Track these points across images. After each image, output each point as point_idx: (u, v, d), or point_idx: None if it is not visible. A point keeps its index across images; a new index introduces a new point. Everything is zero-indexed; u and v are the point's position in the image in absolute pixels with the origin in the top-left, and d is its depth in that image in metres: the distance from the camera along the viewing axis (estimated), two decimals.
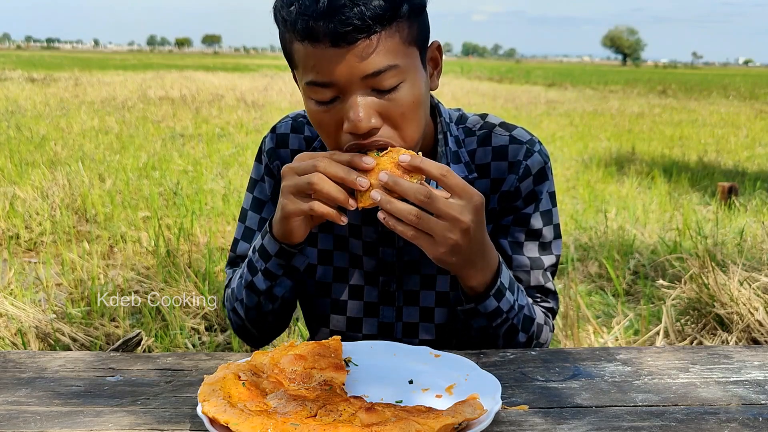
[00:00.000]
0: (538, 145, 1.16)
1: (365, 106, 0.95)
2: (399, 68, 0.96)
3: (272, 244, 1.06)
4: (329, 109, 0.98)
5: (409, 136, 1.00)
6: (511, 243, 1.17)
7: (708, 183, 6.43)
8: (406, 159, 0.93)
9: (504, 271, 1.05)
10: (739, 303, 2.75)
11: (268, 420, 0.75)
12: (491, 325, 1.07)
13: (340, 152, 0.97)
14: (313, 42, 0.93)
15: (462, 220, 0.92)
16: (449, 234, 0.92)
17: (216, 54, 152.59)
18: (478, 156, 1.15)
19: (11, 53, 64.41)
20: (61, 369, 0.99)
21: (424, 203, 0.91)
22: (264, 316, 1.15)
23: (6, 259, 3.82)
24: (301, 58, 0.97)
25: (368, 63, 0.93)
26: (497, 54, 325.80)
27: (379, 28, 0.93)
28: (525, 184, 1.14)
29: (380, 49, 0.93)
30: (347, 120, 0.96)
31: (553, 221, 1.18)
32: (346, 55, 0.92)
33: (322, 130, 1.02)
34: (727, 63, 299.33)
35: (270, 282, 1.10)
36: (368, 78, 0.94)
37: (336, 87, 0.96)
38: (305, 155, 0.98)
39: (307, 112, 1.03)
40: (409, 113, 0.99)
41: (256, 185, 1.24)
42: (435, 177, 0.92)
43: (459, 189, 0.93)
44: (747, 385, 0.93)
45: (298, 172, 0.96)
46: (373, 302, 1.19)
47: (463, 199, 0.93)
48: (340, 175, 0.93)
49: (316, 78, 0.96)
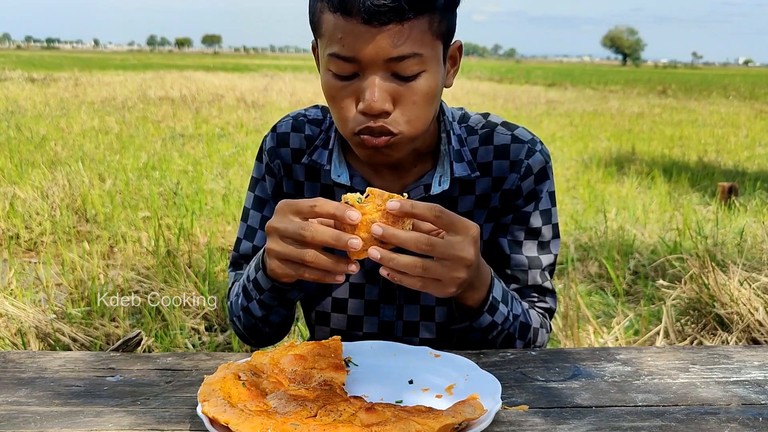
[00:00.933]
0: (540, 145, 1.16)
1: (382, 88, 0.96)
2: (422, 57, 0.96)
3: (265, 281, 1.05)
4: (346, 84, 0.99)
5: (416, 125, 1.01)
6: (510, 242, 1.17)
7: (708, 183, 6.43)
8: (396, 206, 0.87)
9: (496, 284, 1.05)
10: (739, 303, 2.75)
11: (268, 420, 0.75)
12: (487, 337, 1.08)
13: (322, 202, 0.90)
14: (346, 15, 0.93)
15: (465, 257, 0.90)
16: (456, 274, 0.90)
17: (216, 54, 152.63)
18: (480, 154, 1.15)
19: (11, 53, 64.42)
20: (61, 369, 0.99)
21: (426, 251, 0.88)
22: (262, 334, 1.18)
23: (6, 259, 3.82)
24: (329, 29, 0.97)
25: (395, 47, 0.94)
26: (497, 54, 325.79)
27: (413, 15, 0.93)
28: (526, 183, 1.15)
29: (409, 36, 0.94)
30: (362, 99, 0.97)
31: (552, 220, 1.18)
32: (376, 34, 0.93)
33: (334, 105, 1.02)
34: (727, 63, 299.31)
35: (265, 311, 1.11)
36: (392, 61, 0.95)
37: (358, 64, 0.96)
38: (285, 208, 0.92)
39: (322, 84, 1.03)
40: (422, 103, 0.99)
41: (257, 184, 1.24)
42: (430, 220, 0.89)
43: (455, 226, 0.90)
44: (747, 385, 0.93)
45: (282, 236, 0.92)
46: (373, 300, 1.20)
47: (461, 234, 0.90)
48: (330, 242, 0.88)
49: (340, 51, 0.96)
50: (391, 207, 0.87)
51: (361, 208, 0.89)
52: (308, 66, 38.27)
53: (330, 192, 1.18)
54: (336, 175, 1.14)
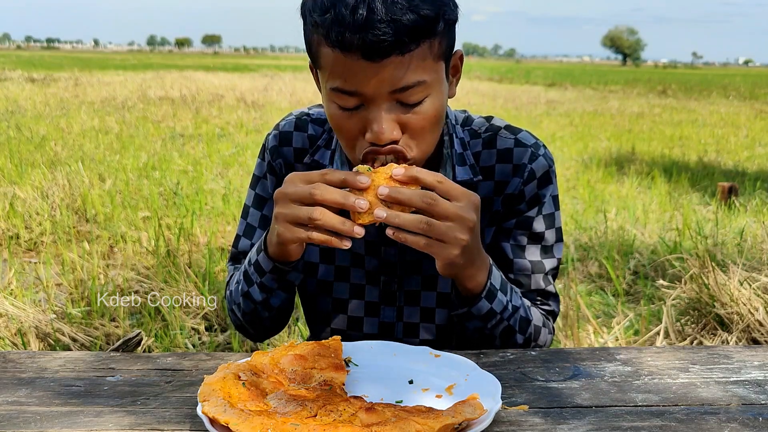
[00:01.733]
0: (543, 149, 1.16)
1: (389, 119, 0.96)
2: (426, 83, 0.97)
3: (266, 262, 1.06)
4: (352, 115, 0.99)
5: (425, 146, 1.02)
6: (513, 246, 1.17)
7: (708, 183, 6.43)
8: (401, 172, 0.91)
9: (495, 272, 1.05)
10: (739, 303, 2.75)
11: (268, 420, 0.75)
12: (486, 326, 1.07)
13: (332, 170, 0.93)
14: (345, 51, 0.92)
15: (468, 218, 0.92)
16: (459, 234, 0.92)
17: (216, 54, 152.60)
18: (483, 158, 1.15)
19: (11, 53, 64.41)
20: (61, 369, 0.99)
21: (430, 206, 0.90)
22: (261, 320, 1.17)
23: (6, 259, 3.82)
24: (328, 63, 0.96)
25: (399, 78, 0.94)
26: (497, 54, 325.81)
27: (414, 46, 0.93)
28: (529, 188, 1.15)
29: (411, 66, 0.94)
30: (370, 130, 0.97)
31: (556, 224, 1.18)
32: (377, 69, 0.93)
33: (341, 134, 1.02)
34: (727, 63, 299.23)
35: (265, 294, 1.11)
36: (396, 92, 0.95)
37: (362, 96, 0.96)
38: (295, 177, 0.95)
39: (327, 114, 1.03)
40: (428, 126, 1.00)
41: (258, 182, 1.24)
42: (431, 185, 0.92)
43: (456, 192, 0.93)
44: (747, 385, 0.93)
45: (292, 199, 0.93)
46: (373, 302, 1.20)
47: (462, 201, 0.93)
48: (338, 201, 0.90)
49: (342, 86, 0.96)
50: (396, 173, 0.92)
51: (370, 174, 0.92)
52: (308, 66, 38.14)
53: None
54: None
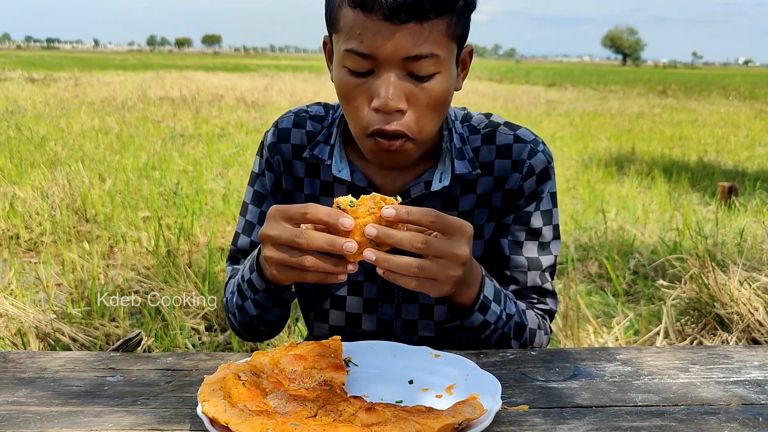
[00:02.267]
0: (542, 145, 1.17)
1: (397, 86, 0.97)
2: (438, 59, 0.97)
3: (260, 282, 1.05)
4: (361, 82, 0.99)
5: (428, 127, 1.02)
6: (510, 242, 1.17)
7: (708, 183, 6.43)
8: (391, 213, 0.87)
9: (487, 283, 1.05)
10: (739, 303, 2.75)
11: (268, 420, 0.75)
12: (479, 336, 1.08)
13: (313, 207, 0.89)
14: (366, 11, 0.93)
15: (460, 254, 0.90)
16: (451, 272, 0.90)
17: (216, 54, 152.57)
18: (482, 154, 1.15)
19: (11, 53, 64.42)
20: (61, 369, 0.99)
21: (421, 250, 0.88)
22: (258, 331, 1.18)
23: (6, 259, 3.82)
24: (347, 24, 0.97)
25: (413, 46, 0.94)
26: (497, 54, 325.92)
27: (433, 16, 0.94)
28: (528, 183, 1.15)
29: (428, 36, 0.95)
30: (377, 96, 0.97)
31: (553, 221, 1.18)
32: (395, 32, 0.93)
33: (348, 102, 1.02)
34: (727, 63, 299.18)
35: (260, 310, 1.12)
36: (409, 60, 0.96)
37: (375, 60, 0.96)
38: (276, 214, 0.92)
39: (335, 80, 1.03)
40: (435, 105, 1.00)
41: (257, 179, 1.24)
42: (425, 225, 0.89)
43: (450, 228, 0.90)
44: (747, 385, 0.93)
45: (278, 243, 0.91)
46: (372, 299, 1.20)
47: (456, 235, 0.90)
48: (324, 248, 0.88)
49: (358, 47, 0.96)
50: (386, 214, 0.87)
51: (353, 212, 0.89)
52: (308, 66, 38.17)
53: (329, 189, 1.18)
54: (337, 170, 1.14)
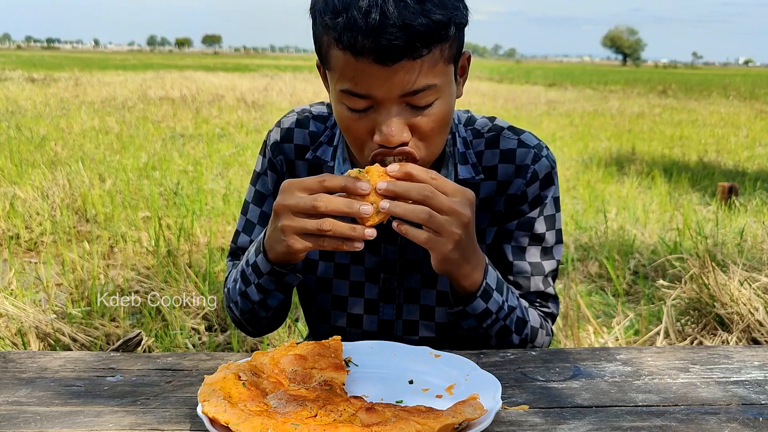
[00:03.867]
0: (546, 150, 1.16)
1: (399, 122, 0.97)
2: (437, 87, 0.97)
3: (265, 264, 1.05)
4: (361, 117, 0.99)
5: (434, 148, 1.03)
6: (513, 248, 1.17)
7: (708, 183, 6.43)
8: (395, 168, 0.92)
9: (490, 271, 1.05)
10: (739, 303, 2.75)
11: (268, 420, 0.75)
12: (481, 325, 1.08)
13: (329, 176, 0.93)
14: (357, 55, 0.92)
15: (462, 213, 0.93)
16: (454, 228, 0.93)
17: (216, 54, 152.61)
18: (486, 158, 1.15)
19: (11, 53, 64.44)
20: (61, 369, 0.99)
21: (428, 198, 0.91)
22: (259, 319, 1.18)
23: (6, 259, 3.82)
24: (339, 66, 0.96)
25: (410, 82, 0.94)
26: (497, 54, 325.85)
27: (426, 51, 0.93)
28: (532, 189, 1.15)
29: (422, 69, 0.94)
30: (379, 132, 0.98)
31: (556, 226, 1.18)
32: (389, 73, 0.93)
33: (349, 135, 1.03)
34: (727, 63, 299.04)
35: (263, 295, 1.12)
36: (406, 95, 0.96)
37: (372, 99, 0.96)
38: (292, 186, 0.94)
39: (335, 115, 1.03)
40: (438, 128, 1.01)
41: (258, 178, 1.24)
42: (425, 180, 0.92)
43: (451, 188, 0.94)
44: (747, 385, 0.93)
45: (295, 211, 0.93)
46: (373, 299, 1.20)
47: (457, 196, 0.94)
48: (344, 210, 0.90)
49: (353, 89, 0.96)
50: (391, 169, 0.93)
51: (365, 177, 0.93)
52: (308, 66, 38.21)
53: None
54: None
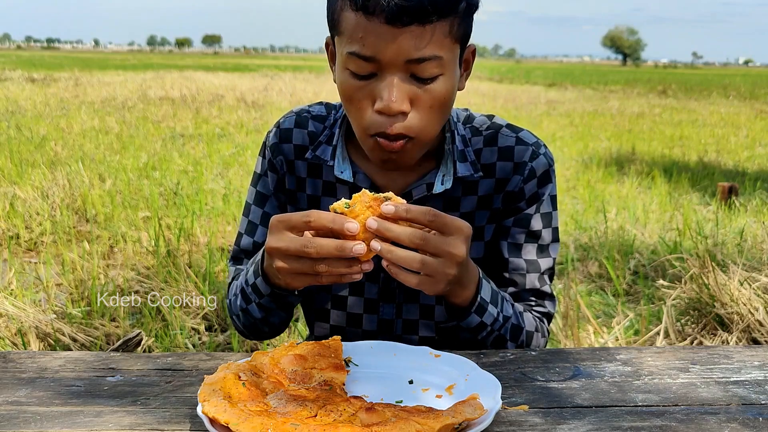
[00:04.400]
0: (544, 148, 1.17)
1: (400, 89, 0.97)
2: (441, 60, 0.97)
3: (265, 287, 1.05)
4: (364, 84, 0.99)
5: (431, 128, 1.02)
6: (510, 245, 1.17)
7: (708, 183, 6.43)
8: (391, 210, 0.88)
9: (484, 285, 1.05)
10: (739, 303, 2.75)
11: (268, 420, 0.75)
12: (476, 337, 1.08)
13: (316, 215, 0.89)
14: (368, 14, 0.93)
15: (457, 253, 0.91)
16: (447, 270, 0.91)
17: (216, 54, 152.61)
18: (484, 156, 1.15)
19: (11, 53, 64.45)
20: (61, 369, 0.99)
21: (420, 246, 0.89)
22: (262, 332, 1.19)
23: (6, 259, 3.82)
24: (349, 27, 0.96)
25: (416, 48, 0.94)
26: (497, 54, 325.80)
27: (436, 18, 0.94)
28: (529, 186, 1.15)
29: (430, 38, 0.94)
30: (380, 98, 0.97)
31: (553, 224, 1.18)
32: (397, 35, 0.93)
33: (351, 105, 1.02)
34: (727, 63, 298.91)
35: (264, 313, 1.12)
36: (412, 63, 0.95)
37: (377, 63, 0.96)
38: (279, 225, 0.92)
39: (338, 82, 1.03)
40: (438, 106, 1.00)
41: (259, 179, 1.24)
42: (423, 223, 0.90)
43: (449, 227, 0.91)
44: (747, 385, 0.93)
45: (288, 255, 0.91)
46: (373, 299, 1.20)
47: (453, 234, 0.91)
48: (335, 254, 0.88)
49: (360, 50, 0.96)
50: (386, 210, 0.89)
51: (351, 213, 0.89)
52: (308, 66, 38.14)
53: (332, 189, 1.18)
54: (339, 171, 1.14)
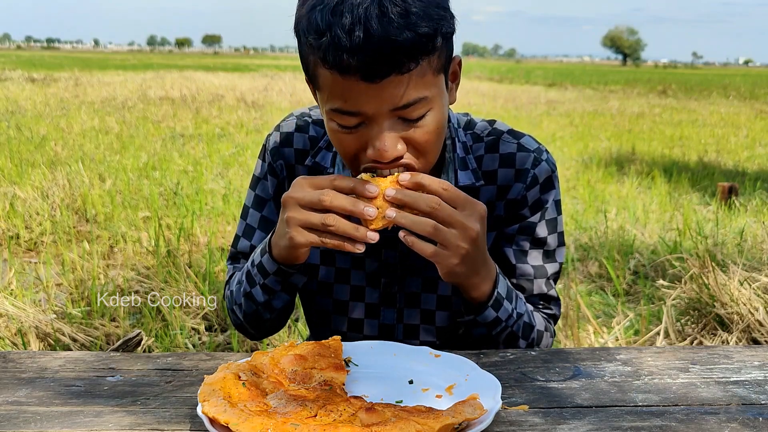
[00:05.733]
0: (546, 154, 1.16)
1: (392, 136, 0.95)
2: (427, 99, 0.96)
3: (271, 264, 1.06)
4: (353, 132, 0.97)
5: (430, 157, 1.01)
6: (516, 251, 1.17)
7: (708, 183, 6.43)
8: (407, 177, 0.93)
9: (501, 280, 1.05)
10: (739, 303, 2.75)
11: (268, 420, 0.75)
12: (491, 333, 1.08)
13: (341, 177, 0.94)
14: (343, 73, 0.90)
15: (471, 227, 0.93)
16: (461, 242, 0.92)
17: (216, 54, 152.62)
18: (486, 163, 1.15)
19: (11, 53, 64.46)
20: (61, 369, 0.99)
21: (435, 210, 0.91)
22: (263, 321, 1.18)
23: (6, 259, 3.82)
24: (326, 85, 0.95)
25: (399, 97, 0.93)
26: (497, 54, 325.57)
27: (413, 65, 0.91)
28: (532, 193, 1.14)
29: (411, 83, 0.93)
30: (372, 147, 0.96)
31: (558, 229, 1.18)
32: (377, 89, 0.91)
33: (342, 151, 1.01)
34: (727, 63, 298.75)
35: (268, 296, 1.12)
36: (397, 110, 0.94)
37: (363, 116, 0.95)
38: (303, 181, 0.96)
39: (327, 131, 1.02)
40: (433, 139, 0.99)
41: (258, 183, 1.24)
42: (436, 191, 0.92)
43: (462, 200, 0.93)
44: (747, 385, 0.93)
45: (302, 204, 0.94)
46: (374, 304, 1.20)
47: (467, 209, 0.93)
48: (347, 208, 0.91)
49: (343, 107, 0.94)
50: (402, 178, 0.93)
51: (375, 181, 0.93)
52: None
53: None
54: None
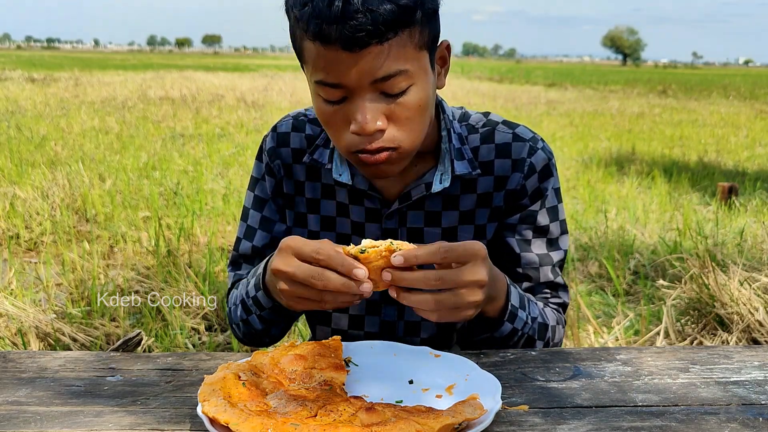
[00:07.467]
0: (541, 142, 1.16)
1: (372, 108, 0.96)
2: (408, 73, 0.96)
3: (266, 300, 1.06)
4: (337, 108, 0.99)
5: (413, 137, 1.01)
6: (519, 241, 1.17)
7: (708, 183, 6.43)
8: (400, 261, 0.88)
9: (513, 291, 1.04)
10: (739, 303, 2.75)
11: (268, 420, 0.75)
12: (508, 343, 1.08)
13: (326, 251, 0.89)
14: (325, 43, 0.92)
15: (479, 280, 0.90)
16: (472, 298, 0.90)
17: (216, 54, 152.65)
18: (482, 153, 1.15)
19: (11, 53, 64.45)
20: (61, 369, 0.99)
21: (437, 286, 0.89)
22: (263, 342, 1.20)
23: (6, 259, 3.82)
24: (311, 57, 0.97)
25: (379, 68, 0.93)
26: (497, 54, 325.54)
27: (392, 35, 0.92)
28: (530, 182, 1.15)
29: (391, 55, 0.93)
30: (354, 121, 0.97)
31: (559, 217, 1.18)
32: (357, 59, 0.92)
33: (329, 128, 1.03)
34: (727, 63, 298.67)
35: (265, 325, 1.13)
36: (377, 82, 0.95)
37: (345, 88, 0.96)
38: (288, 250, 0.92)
39: (314, 108, 1.04)
40: (415, 116, 1.00)
41: (257, 184, 1.24)
42: (435, 262, 0.89)
43: (463, 256, 0.90)
44: (747, 385, 0.93)
45: (295, 280, 0.91)
46: (374, 300, 1.20)
47: (469, 260, 0.90)
48: (342, 291, 0.89)
49: (325, 78, 0.96)
50: (396, 262, 0.89)
51: (364, 258, 0.89)
52: None
53: (331, 192, 1.18)
54: (337, 174, 1.14)
